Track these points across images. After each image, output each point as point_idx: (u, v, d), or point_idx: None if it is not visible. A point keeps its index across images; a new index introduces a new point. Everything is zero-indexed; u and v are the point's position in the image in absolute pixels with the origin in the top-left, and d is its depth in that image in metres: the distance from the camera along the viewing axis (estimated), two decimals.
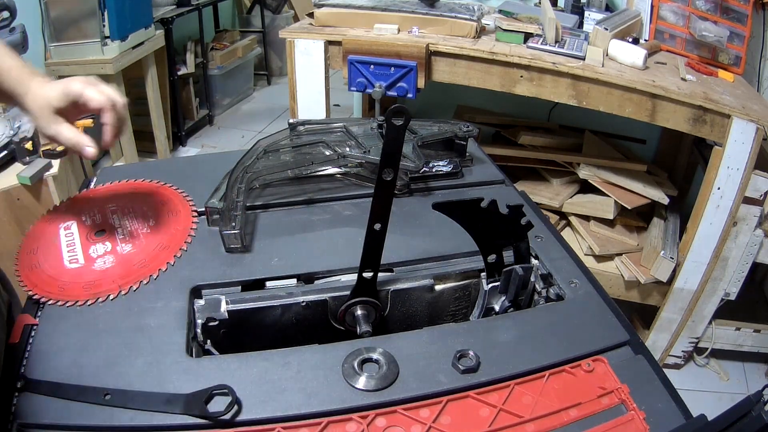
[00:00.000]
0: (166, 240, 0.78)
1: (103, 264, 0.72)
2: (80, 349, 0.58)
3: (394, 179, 0.63)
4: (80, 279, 0.70)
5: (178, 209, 0.85)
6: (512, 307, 0.79)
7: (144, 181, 0.93)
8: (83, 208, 0.85)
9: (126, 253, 0.75)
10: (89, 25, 2.20)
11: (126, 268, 0.72)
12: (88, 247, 0.76)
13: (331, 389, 0.55)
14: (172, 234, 0.79)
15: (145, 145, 2.94)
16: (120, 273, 0.71)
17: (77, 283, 0.69)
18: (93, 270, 0.71)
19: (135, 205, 0.86)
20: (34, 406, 0.52)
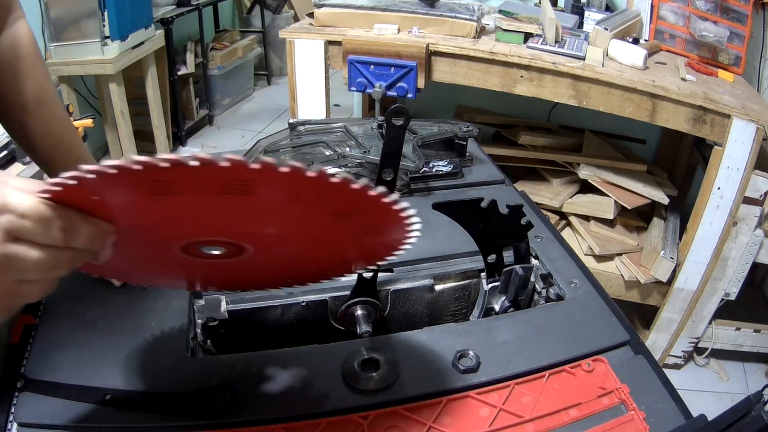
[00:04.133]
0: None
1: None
2: (80, 349, 0.58)
3: (394, 179, 0.63)
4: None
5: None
6: (512, 307, 0.79)
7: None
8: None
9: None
10: (89, 25, 2.20)
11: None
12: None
13: (331, 389, 0.55)
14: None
15: (145, 145, 2.94)
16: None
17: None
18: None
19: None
20: (34, 406, 0.52)
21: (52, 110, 0.80)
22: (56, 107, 0.82)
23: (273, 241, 0.53)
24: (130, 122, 2.59)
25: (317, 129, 0.97)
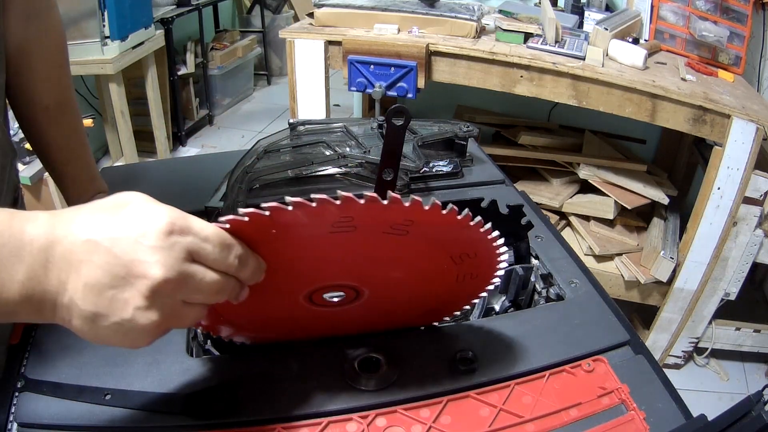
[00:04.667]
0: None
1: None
2: (80, 349, 0.58)
3: (394, 179, 0.63)
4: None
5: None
6: (512, 307, 0.79)
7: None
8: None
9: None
10: (89, 25, 2.20)
11: None
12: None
13: (331, 389, 0.55)
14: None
15: (145, 145, 2.94)
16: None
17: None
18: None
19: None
20: (34, 406, 0.52)
21: (72, 121, 0.79)
22: (77, 119, 0.81)
23: (390, 285, 0.57)
24: (130, 122, 2.59)
25: (317, 129, 0.97)
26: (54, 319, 0.41)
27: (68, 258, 0.39)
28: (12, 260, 0.38)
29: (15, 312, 0.40)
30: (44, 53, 0.74)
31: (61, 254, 0.39)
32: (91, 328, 0.40)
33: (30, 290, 0.39)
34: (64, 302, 0.40)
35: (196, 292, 0.42)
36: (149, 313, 0.40)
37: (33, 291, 0.39)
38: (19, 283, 0.39)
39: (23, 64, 0.72)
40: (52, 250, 0.39)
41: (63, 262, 0.39)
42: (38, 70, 0.73)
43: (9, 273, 0.38)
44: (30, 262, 0.39)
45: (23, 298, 0.39)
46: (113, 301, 0.39)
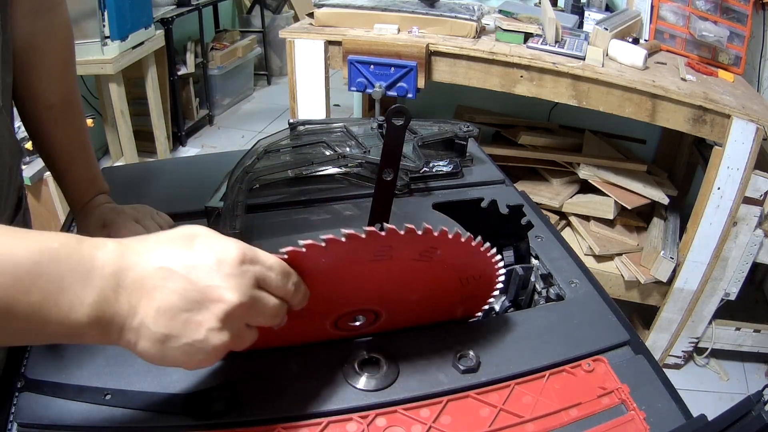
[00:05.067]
0: None
1: None
2: (80, 349, 0.58)
3: (394, 179, 0.63)
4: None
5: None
6: (512, 307, 0.79)
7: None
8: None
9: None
10: (89, 25, 2.20)
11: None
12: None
13: (331, 389, 0.55)
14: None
15: (145, 145, 2.94)
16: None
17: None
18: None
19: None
20: (34, 406, 0.52)
21: (76, 120, 0.79)
22: (81, 119, 0.81)
23: (403, 306, 0.60)
24: (130, 122, 2.59)
25: (317, 129, 0.97)
26: (119, 342, 0.43)
27: (140, 283, 0.42)
28: (82, 284, 0.40)
29: (81, 334, 0.41)
30: (51, 49, 0.74)
31: (132, 280, 0.42)
32: (159, 349, 0.43)
33: (100, 313, 0.41)
34: (133, 325, 0.42)
35: (259, 315, 0.46)
36: (221, 334, 0.43)
37: (103, 314, 0.41)
38: (89, 306, 0.40)
39: (30, 60, 0.71)
40: (123, 275, 0.41)
41: (135, 288, 0.42)
42: (45, 66, 0.73)
43: (79, 296, 0.40)
44: (101, 286, 0.41)
45: (92, 320, 0.40)
46: (187, 323, 0.42)
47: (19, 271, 0.38)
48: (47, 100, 0.74)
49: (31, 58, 0.71)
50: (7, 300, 0.37)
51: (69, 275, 0.40)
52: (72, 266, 0.40)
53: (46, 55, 0.73)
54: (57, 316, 0.39)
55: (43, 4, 0.72)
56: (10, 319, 0.38)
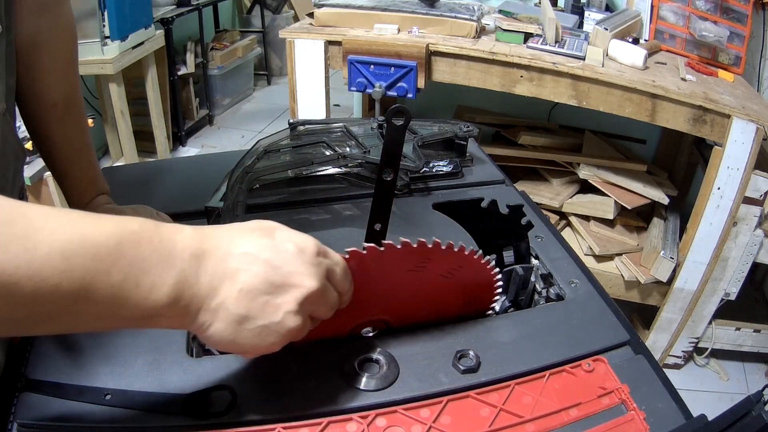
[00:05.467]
0: None
1: None
2: (80, 349, 0.58)
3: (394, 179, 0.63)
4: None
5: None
6: (512, 307, 0.79)
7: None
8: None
9: None
10: (89, 25, 2.20)
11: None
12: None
13: (331, 389, 0.55)
14: None
15: (145, 145, 2.94)
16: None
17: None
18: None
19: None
20: (34, 406, 0.52)
21: (78, 120, 0.79)
22: (83, 118, 0.81)
23: (410, 315, 0.63)
24: (130, 122, 2.59)
25: (317, 129, 0.97)
26: (191, 325, 0.45)
27: (223, 267, 0.44)
28: (163, 265, 0.41)
29: (156, 317, 0.42)
30: (55, 48, 0.74)
31: (215, 263, 0.44)
32: (233, 331, 0.45)
33: (179, 293, 0.42)
34: (212, 306, 0.44)
35: (323, 305, 0.49)
36: (296, 318, 0.46)
37: (182, 294, 0.42)
38: (169, 287, 0.41)
39: (34, 57, 0.71)
40: (204, 258, 0.43)
41: (217, 270, 0.44)
42: (48, 64, 0.73)
43: (160, 277, 0.41)
44: (182, 267, 0.42)
45: (170, 301, 0.42)
46: (266, 305, 0.45)
47: (100, 253, 0.38)
48: (50, 98, 0.74)
49: (35, 55, 0.71)
50: (87, 282, 0.38)
51: (150, 257, 0.41)
52: (153, 248, 0.41)
53: (50, 53, 0.73)
54: (136, 298, 0.40)
55: (46, 2, 0.72)
56: (88, 301, 0.39)
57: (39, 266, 0.36)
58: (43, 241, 0.37)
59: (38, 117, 0.75)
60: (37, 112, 0.75)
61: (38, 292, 0.36)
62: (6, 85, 0.64)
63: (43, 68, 0.73)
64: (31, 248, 0.36)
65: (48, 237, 0.37)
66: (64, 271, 0.37)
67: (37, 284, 0.36)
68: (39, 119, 0.75)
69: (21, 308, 0.36)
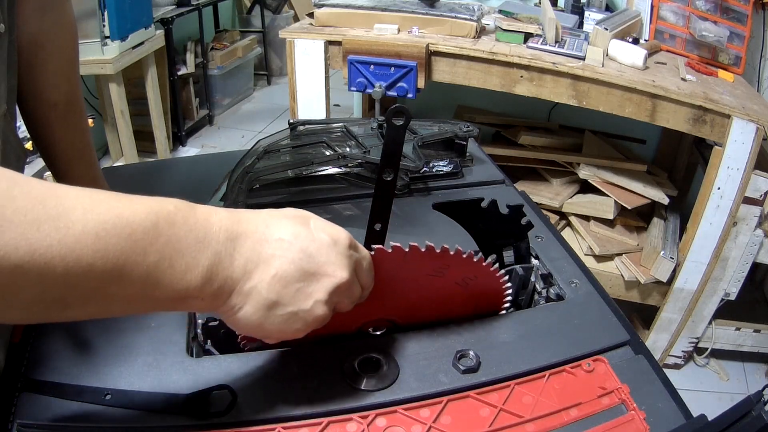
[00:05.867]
0: None
1: None
2: (80, 349, 0.58)
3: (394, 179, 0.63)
4: None
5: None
6: (512, 307, 0.79)
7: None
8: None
9: None
10: (89, 25, 2.20)
11: None
12: None
13: (331, 389, 0.55)
14: None
15: (145, 145, 2.94)
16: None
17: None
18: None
19: None
20: (34, 406, 0.52)
21: (79, 120, 0.79)
22: (84, 119, 0.81)
23: (415, 318, 0.63)
24: (130, 122, 2.59)
25: (317, 129, 0.97)
26: (221, 308, 0.45)
27: (258, 251, 0.44)
28: (198, 246, 0.41)
29: (189, 298, 0.42)
30: (57, 47, 0.74)
31: (250, 247, 0.44)
32: (262, 315, 0.45)
33: (213, 275, 0.42)
34: (244, 289, 0.44)
35: (348, 297, 0.50)
36: (324, 307, 0.47)
37: (216, 276, 0.42)
38: (204, 268, 0.41)
39: (35, 57, 0.71)
40: (239, 241, 0.44)
41: (251, 254, 0.44)
42: (50, 64, 0.73)
43: (195, 258, 0.41)
44: (217, 249, 0.42)
45: (204, 282, 0.42)
46: (298, 292, 0.46)
47: (136, 233, 0.38)
48: (51, 98, 0.74)
49: (36, 55, 0.71)
50: (122, 262, 0.38)
51: (186, 237, 0.41)
52: (189, 228, 0.41)
53: (52, 54, 0.73)
54: (171, 278, 0.40)
55: (49, 2, 0.72)
56: (121, 282, 0.38)
57: (72, 245, 0.36)
58: (76, 220, 0.36)
59: (39, 116, 0.75)
60: (38, 111, 0.75)
61: (70, 272, 0.36)
62: (8, 85, 0.64)
63: (44, 68, 0.73)
64: (63, 227, 0.35)
65: (81, 216, 0.37)
66: (98, 250, 0.37)
67: (70, 264, 0.36)
68: (39, 119, 0.75)
69: (53, 289, 0.36)
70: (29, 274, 0.34)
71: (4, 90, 0.62)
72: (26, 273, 0.34)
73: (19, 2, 0.67)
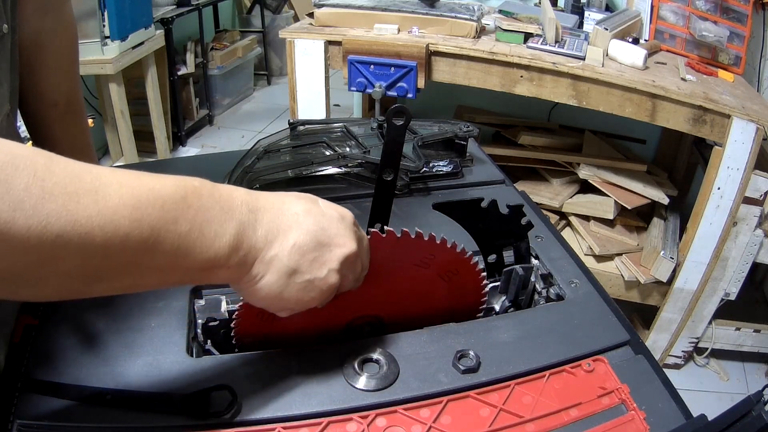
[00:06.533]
0: None
1: None
2: (80, 349, 0.58)
3: (394, 179, 0.63)
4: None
5: None
6: (512, 307, 0.79)
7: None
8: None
9: None
10: (89, 25, 2.20)
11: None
12: None
13: (331, 389, 0.55)
14: None
15: (145, 145, 2.94)
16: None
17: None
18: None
19: None
20: (34, 406, 0.52)
21: (79, 120, 0.79)
22: (84, 118, 0.81)
23: (400, 313, 0.65)
24: (130, 122, 2.59)
25: (317, 129, 0.97)
26: (246, 276, 0.48)
27: (277, 223, 0.48)
28: (225, 216, 0.45)
29: (218, 267, 0.45)
30: (57, 48, 0.74)
31: (270, 219, 0.48)
32: (283, 283, 0.49)
33: (239, 243, 0.45)
34: (267, 257, 0.47)
35: (353, 272, 0.53)
36: (336, 275, 0.51)
37: (242, 244, 0.46)
38: (231, 236, 0.45)
39: (36, 57, 0.72)
40: (260, 214, 0.47)
41: (272, 226, 0.48)
42: (50, 64, 0.73)
43: (223, 227, 0.44)
44: (241, 219, 0.46)
45: (232, 250, 0.45)
46: (314, 261, 0.49)
47: (167, 204, 0.41)
48: (52, 98, 0.74)
49: (37, 55, 0.72)
50: (156, 231, 0.40)
51: (213, 208, 0.44)
52: (215, 201, 0.44)
53: (52, 54, 0.73)
54: (200, 247, 0.43)
55: (50, 2, 0.72)
56: (155, 252, 0.41)
57: (110, 216, 0.38)
58: (112, 193, 0.39)
59: (39, 116, 0.75)
60: (38, 111, 0.75)
61: (109, 242, 0.38)
62: (10, 86, 0.64)
63: (45, 68, 0.73)
64: (101, 199, 0.38)
65: (117, 189, 0.39)
66: (134, 220, 0.39)
67: (108, 234, 0.38)
68: (40, 119, 0.75)
69: (91, 261, 0.38)
70: (69, 245, 0.36)
71: (6, 90, 0.62)
72: (67, 244, 0.36)
73: (19, 3, 0.67)
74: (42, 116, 0.75)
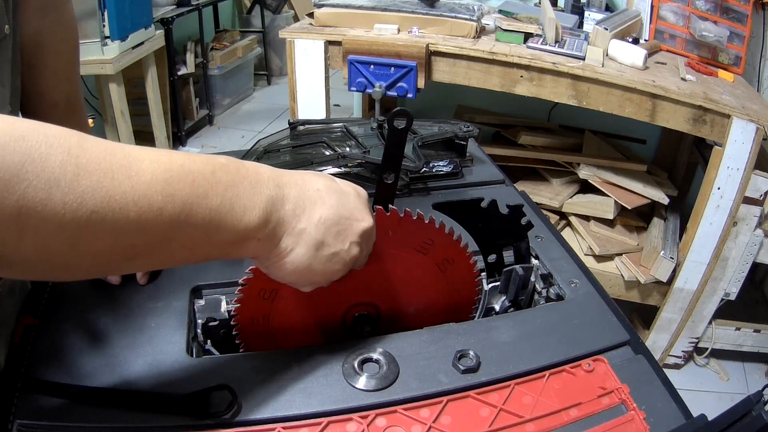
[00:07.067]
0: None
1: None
2: (80, 349, 0.58)
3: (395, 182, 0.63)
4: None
5: None
6: (512, 307, 0.79)
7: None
8: None
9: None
10: (89, 25, 2.20)
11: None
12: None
13: (331, 389, 0.55)
14: None
15: (145, 145, 2.93)
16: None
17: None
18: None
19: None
20: (34, 406, 0.52)
21: (79, 120, 0.79)
22: (84, 118, 0.81)
23: (396, 302, 0.66)
24: (130, 122, 2.59)
25: (317, 129, 0.97)
26: (275, 250, 0.49)
27: (303, 198, 0.50)
28: (254, 190, 0.46)
29: (248, 240, 0.46)
30: (58, 47, 0.74)
31: (296, 195, 0.49)
32: (311, 255, 0.50)
33: (268, 215, 0.47)
34: (296, 230, 0.49)
35: (366, 248, 0.56)
36: (356, 248, 0.53)
37: (271, 216, 0.47)
38: (260, 209, 0.46)
39: (36, 57, 0.72)
40: (286, 189, 0.49)
41: (298, 200, 0.49)
42: (51, 64, 0.73)
43: (251, 200, 0.46)
44: (269, 194, 0.47)
45: (261, 222, 0.46)
46: (338, 234, 0.51)
47: (198, 179, 0.42)
48: (52, 98, 0.74)
49: (37, 55, 0.72)
50: (188, 206, 0.41)
51: (241, 182, 0.45)
52: (242, 176, 0.46)
53: (53, 53, 0.73)
54: (231, 220, 0.44)
55: (50, 2, 0.72)
56: (187, 227, 0.42)
57: (144, 191, 0.39)
58: (144, 169, 0.39)
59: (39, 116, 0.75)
60: (39, 111, 0.75)
61: (142, 217, 0.39)
62: (12, 87, 0.64)
63: (45, 68, 0.73)
64: (134, 175, 0.38)
65: (149, 165, 0.40)
66: (167, 195, 0.40)
67: (142, 209, 0.38)
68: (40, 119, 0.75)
69: (125, 237, 0.39)
70: (105, 222, 0.37)
71: (7, 91, 0.62)
72: (102, 220, 0.37)
73: (20, 3, 0.67)
74: (42, 116, 0.75)
